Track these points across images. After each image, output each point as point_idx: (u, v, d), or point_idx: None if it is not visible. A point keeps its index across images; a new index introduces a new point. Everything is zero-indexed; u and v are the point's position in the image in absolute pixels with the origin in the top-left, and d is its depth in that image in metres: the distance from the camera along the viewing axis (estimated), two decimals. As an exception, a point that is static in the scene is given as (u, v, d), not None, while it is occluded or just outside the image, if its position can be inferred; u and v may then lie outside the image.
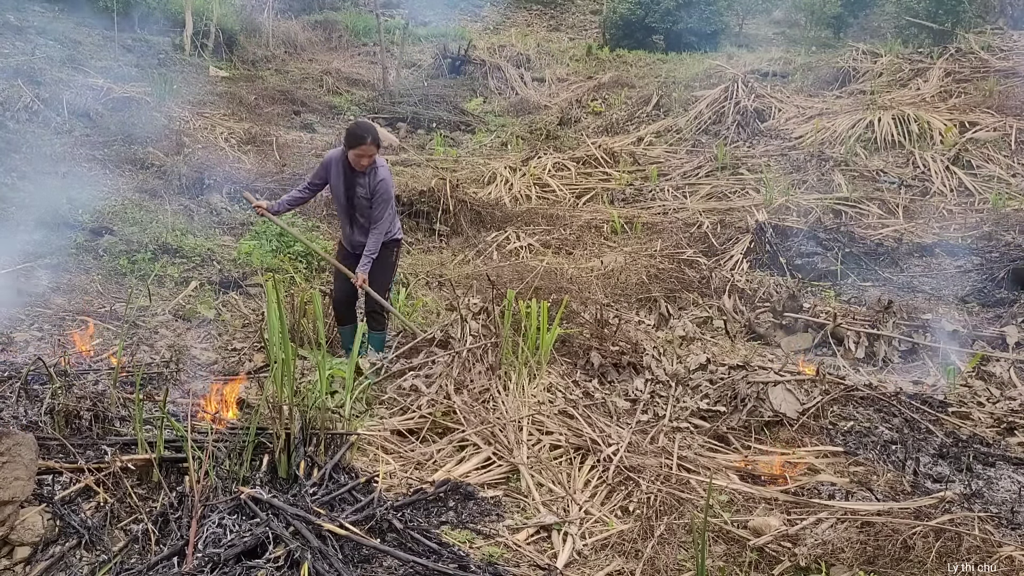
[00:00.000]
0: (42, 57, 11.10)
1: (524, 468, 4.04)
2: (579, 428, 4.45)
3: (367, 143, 4.93)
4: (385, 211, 5.11)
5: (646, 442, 4.39)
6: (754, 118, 11.93)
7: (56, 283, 5.90)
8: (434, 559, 3.17)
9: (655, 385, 5.16)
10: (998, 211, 8.44)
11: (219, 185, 8.68)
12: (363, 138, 4.93)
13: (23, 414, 3.76)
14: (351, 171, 5.07)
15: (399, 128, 13.22)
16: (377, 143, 5.02)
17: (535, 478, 4.01)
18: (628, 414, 4.80)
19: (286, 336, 3.70)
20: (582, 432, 4.39)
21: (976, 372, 5.55)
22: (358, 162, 4.99)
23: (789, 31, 20.71)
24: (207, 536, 3.07)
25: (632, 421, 4.67)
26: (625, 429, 4.49)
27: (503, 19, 23.32)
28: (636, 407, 4.87)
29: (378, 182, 5.06)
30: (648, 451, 4.28)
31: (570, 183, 10.47)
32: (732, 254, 7.86)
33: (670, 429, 4.62)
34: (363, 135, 4.94)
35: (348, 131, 5.05)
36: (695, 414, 4.82)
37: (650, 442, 4.41)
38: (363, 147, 4.94)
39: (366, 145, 4.94)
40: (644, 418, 4.75)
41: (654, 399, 5.00)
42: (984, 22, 16.69)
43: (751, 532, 3.59)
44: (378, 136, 5.06)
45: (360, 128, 5.04)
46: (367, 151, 4.96)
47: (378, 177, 5.07)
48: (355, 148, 4.95)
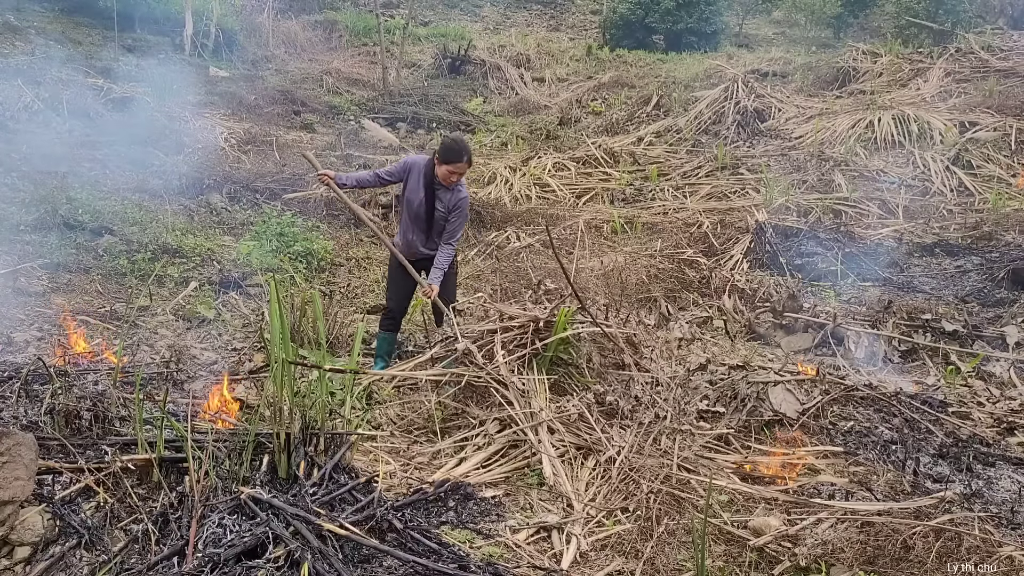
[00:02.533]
0: (42, 57, 11.10)
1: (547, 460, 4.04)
2: (587, 429, 4.44)
3: (463, 162, 4.88)
4: (461, 227, 5.13)
5: (648, 443, 4.39)
6: (754, 118, 11.93)
7: (56, 283, 5.90)
8: (434, 559, 3.17)
9: (656, 387, 5.15)
10: (998, 211, 8.44)
11: (219, 185, 8.69)
12: (460, 156, 4.88)
13: (23, 414, 3.75)
14: (434, 183, 5.00)
15: (399, 128, 13.22)
16: (471, 162, 4.99)
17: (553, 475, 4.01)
18: (630, 414, 4.79)
19: (287, 336, 3.70)
20: (583, 433, 4.39)
21: (976, 372, 5.55)
22: (448, 178, 4.93)
23: (789, 31, 20.71)
24: (207, 536, 3.06)
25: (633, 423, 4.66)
26: (626, 430, 4.49)
27: (503, 19, 23.32)
28: (637, 407, 4.86)
29: (460, 199, 5.04)
30: (649, 452, 4.27)
31: (570, 183, 10.47)
32: (732, 254, 7.86)
33: (671, 430, 4.61)
34: (461, 153, 4.89)
35: (445, 146, 4.97)
36: (695, 414, 4.82)
37: (651, 443, 4.40)
38: (458, 165, 4.88)
39: (462, 163, 4.89)
40: (645, 419, 4.74)
41: (655, 400, 4.99)
42: (984, 22, 16.71)
43: (751, 532, 3.59)
44: (472, 155, 5.03)
45: (459, 144, 5.00)
46: (460, 169, 4.91)
47: (460, 194, 5.05)
48: (449, 164, 4.88)
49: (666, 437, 4.52)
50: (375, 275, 7.20)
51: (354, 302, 6.63)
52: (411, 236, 5.17)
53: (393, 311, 5.31)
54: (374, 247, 8.12)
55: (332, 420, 3.99)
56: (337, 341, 5.55)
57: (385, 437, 4.37)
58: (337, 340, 5.55)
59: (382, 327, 5.34)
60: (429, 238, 5.14)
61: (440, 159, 4.92)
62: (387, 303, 5.35)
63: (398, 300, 5.31)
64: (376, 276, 7.18)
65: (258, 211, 8.37)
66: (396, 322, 5.36)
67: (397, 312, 5.33)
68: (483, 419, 4.41)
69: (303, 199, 8.78)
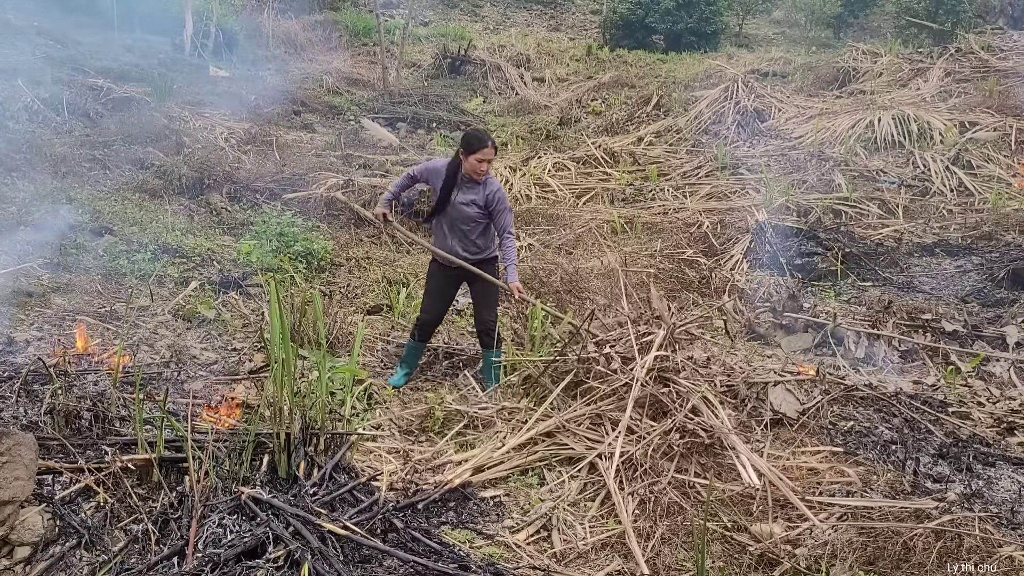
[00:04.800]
0: (42, 57, 11.09)
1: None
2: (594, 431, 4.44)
3: (488, 146, 4.82)
4: (510, 216, 5.06)
5: (649, 443, 4.38)
6: (754, 118, 11.93)
7: (56, 283, 5.90)
8: (434, 559, 3.17)
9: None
10: (998, 211, 8.44)
11: (219, 185, 8.68)
12: (484, 141, 4.82)
13: (23, 414, 3.75)
14: (459, 180, 4.93)
15: (399, 128, 13.22)
16: (496, 148, 4.94)
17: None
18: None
19: (287, 336, 3.70)
20: (583, 433, 4.39)
21: (976, 372, 5.55)
22: (477, 168, 4.84)
23: (789, 31, 20.72)
24: (207, 536, 3.07)
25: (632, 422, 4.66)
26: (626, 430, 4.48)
27: (503, 19, 23.32)
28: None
29: (494, 191, 4.96)
30: (649, 452, 4.27)
31: (570, 183, 10.46)
32: (732, 254, 7.85)
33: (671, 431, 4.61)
34: (484, 138, 4.85)
35: (467, 137, 4.91)
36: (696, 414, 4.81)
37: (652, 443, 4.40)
38: (484, 150, 4.81)
39: (487, 148, 4.82)
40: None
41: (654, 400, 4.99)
42: (984, 22, 16.71)
43: (751, 538, 3.58)
44: (496, 142, 4.99)
45: (480, 132, 4.98)
46: (488, 155, 4.84)
47: (492, 186, 4.98)
48: (476, 152, 4.81)
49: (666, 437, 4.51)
50: (375, 275, 7.20)
51: (354, 302, 6.63)
52: (451, 243, 5.05)
53: (428, 322, 5.23)
54: (374, 247, 8.12)
55: (332, 420, 3.99)
56: (337, 341, 5.54)
57: (385, 437, 4.37)
58: (337, 340, 5.55)
59: (414, 336, 5.25)
60: (470, 241, 5.03)
61: (465, 151, 4.84)
62: (422, 313, 5.24)
63: (436, 312, 5.24)
64: (376, 276, 7.18)
65: (258, 211, 8.37)
66: (429, 333, 5.31)
67: (432, 323, 5.26)
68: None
69: (303, 199, 8.78)
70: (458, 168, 4.94)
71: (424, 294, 5.30)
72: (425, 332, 5.27)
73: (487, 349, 5.15)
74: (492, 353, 5.12)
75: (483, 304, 5.17)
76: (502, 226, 5.03)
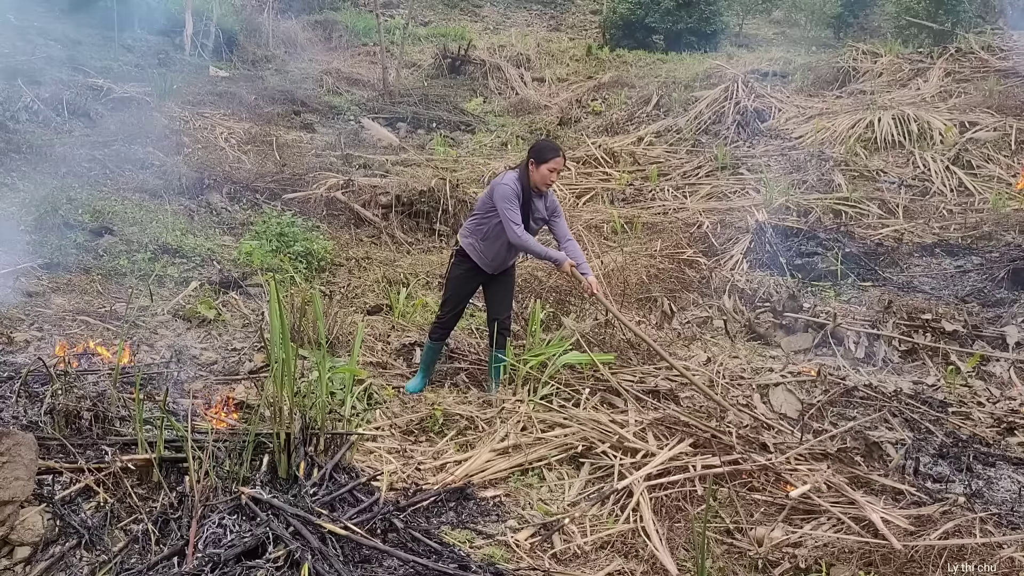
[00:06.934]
0: (42, 57, 11.10)
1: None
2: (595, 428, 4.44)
3: (560, 156, 4.80)
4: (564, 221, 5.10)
5: (649, 442, 4.39)
6: (754, 118, 11.92)
7: (56, 283, 5.90)
8: (434, 559, 3.17)
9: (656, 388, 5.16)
10: (998, 211, 8.43)
11: (219, 185, 8.68)
12: (557, 151, 4.80)
13: (23, 414, 3.76)
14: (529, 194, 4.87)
15: (399, 128, 13.22)
16: (566, 157, 4.93)
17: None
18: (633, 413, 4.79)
19: (287, 336, 3.70)
20: (585, 432, 4.39)
21: (976, 372, 5.55)
22: (548, 179, 4.80)
23: (789, 31, 20.73)
24: (207, 536, 3.07)
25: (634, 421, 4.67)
26: (625, 430, 4.49)
27: (503, 19, 23.34)
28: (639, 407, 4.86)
29: (554, 198, 5.00)
30: (650, 451, 4.27)
31: (570, 183, 10.46)
32: (732, 254, 7.85)
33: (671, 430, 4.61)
34: (557, 148, 4.83)
35: (540, 147, 4.85)
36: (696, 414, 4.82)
37: (652, 443, 4.41)
38: (557, 160, 4.78)
39: (559, 159, 4.80)
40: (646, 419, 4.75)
41: (655, 399, 5.00)
42: (984, 22, 16.72)
43: (751, 541, 3.58)
44: None
45: (551, 142, 4.95)
46: (559, 164, 4.81)
47: (552, 195, 5.00)
48: (548, 162, 4.76)
49: (667, 437, 4.52)
50: (375, 275, 7.19)
51: (354, 302, 6.63)
52: (504, 252, 4.98)
53: (447, 321, 5.18)
54: (374, 247, 8.12)
55: (332, 420, 4.00)
56: (337, 341, 5.54)
57: (385, 437, 4.37)
58: (337, 340, 5.55)
59: (432, 336, 5.18)
60: (515, 248, 4.98)
61: (537, 161, 4.78)
62: (442, 313, 5.17)
63: (458, 312, 5.22)
64: (376, 276, 7.17)
65: (258, 211, 8.37)
66: (447, 332, 5.25)
67: (451, 322, 5.21)
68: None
69: (303, 199, 8.78)
70: (528, 180, 4.86)
71: (447, 296, 5.18)
72: (445, 331, 5.22)
73: (500, 348, 5.12)
74: (502, 352, 5.11)
75: (504, 303, 5.15)
76: (562, 231, 5.06)
